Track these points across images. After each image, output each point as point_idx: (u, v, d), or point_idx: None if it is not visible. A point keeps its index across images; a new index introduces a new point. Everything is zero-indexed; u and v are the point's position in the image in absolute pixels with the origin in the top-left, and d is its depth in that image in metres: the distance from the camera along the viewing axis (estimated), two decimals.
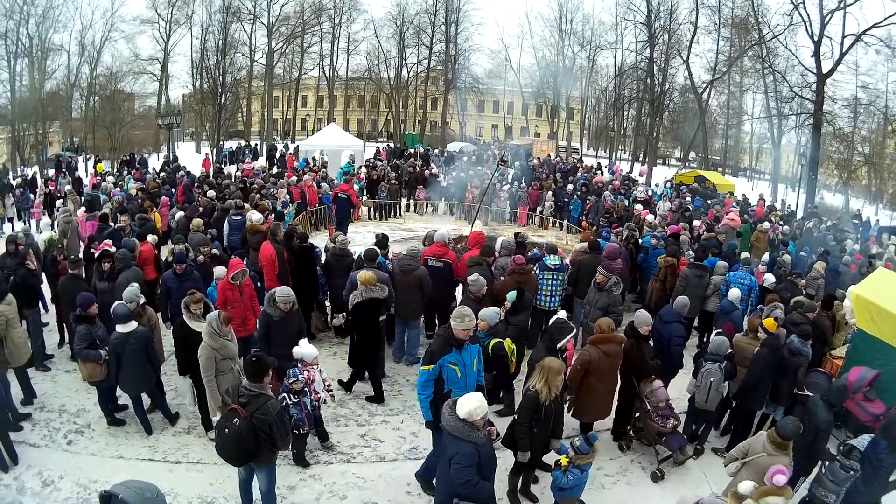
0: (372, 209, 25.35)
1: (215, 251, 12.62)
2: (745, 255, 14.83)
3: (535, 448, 7.22)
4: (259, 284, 11.10)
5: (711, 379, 8.59)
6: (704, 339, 12.92)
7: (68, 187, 24.65)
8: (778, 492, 6.32)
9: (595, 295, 10.73)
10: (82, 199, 20.09)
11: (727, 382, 8.87)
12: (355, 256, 11.96)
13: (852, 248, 19.13)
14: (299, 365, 8.23)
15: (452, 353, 7.03)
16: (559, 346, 7.85)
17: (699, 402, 8.88)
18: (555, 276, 11.66)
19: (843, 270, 15.29)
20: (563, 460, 7.07)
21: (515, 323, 9.91)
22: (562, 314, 9.09)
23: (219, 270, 10.46)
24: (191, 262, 11.53)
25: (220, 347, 7.77)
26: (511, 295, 9.92)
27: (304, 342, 8.55)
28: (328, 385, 8.74)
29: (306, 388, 8.11)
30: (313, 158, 33.20)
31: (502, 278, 11.30)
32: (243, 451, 6.47)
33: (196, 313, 8.47)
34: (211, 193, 18.79)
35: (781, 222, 23.21)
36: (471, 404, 5.78)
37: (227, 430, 6.37)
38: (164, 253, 13.63)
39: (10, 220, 22.95)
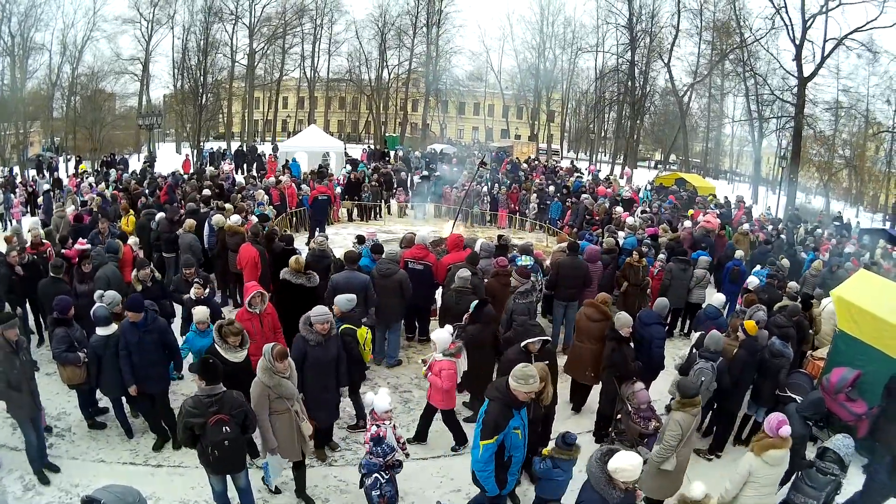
0: (353, 210, 25.28)
1: (197, 284, 10.40)
2: (739, 252, 15.57)
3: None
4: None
5: (703, 378, 8.52)
6: (688, 330, 13.66)
7: (46, 186, 24.55)
8: (781, 444, 6.65)
9: (509, 302, 9.94)
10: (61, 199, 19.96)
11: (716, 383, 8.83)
12: (337, 257, 11.81)
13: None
14: (368, 418, 7.34)
15: (515, 418, 6.33)
16: (523, 345, 7.75)
17: None
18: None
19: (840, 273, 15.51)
20: (546, 451, 7.06)
21: (471, 332, 9.07)
22: None
23: (199, 313, 9.09)
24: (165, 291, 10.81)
25: (275, 386, 6.82)
26: (472, 304, 9.35)
27: (382, 390, 7.35)
28: (402, 443, 7.67)
29: (379, 448, 6.93)
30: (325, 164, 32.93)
31: (486, 281, 11.20)
32: (242, 453, 6.58)
33: (234, 345, 7.55)
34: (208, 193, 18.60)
35: (770, 225, 23.39)
36: (621, 463, 5.41)
37: (227, 441, 6.23)
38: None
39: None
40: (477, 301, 9.31)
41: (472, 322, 9.10)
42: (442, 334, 8.53)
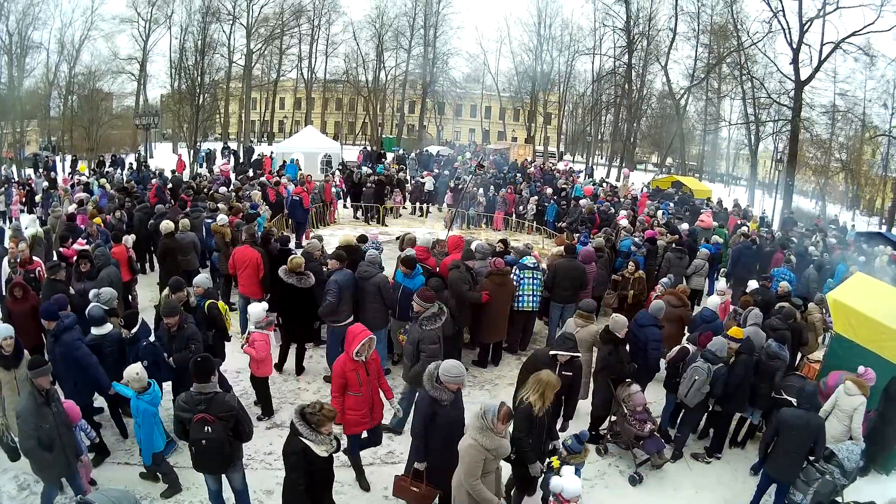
0: (359, 211, 25.50)
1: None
2: (715, 237, 17.31)
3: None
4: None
5: (696, 377, 8.49)
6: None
7: (45, 184, 24.58)
8: (864, 390, 8.08)
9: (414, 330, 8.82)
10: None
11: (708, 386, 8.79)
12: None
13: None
14: (552, 500, 6.57)
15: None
16: (553, 354, 7.62)
17: (680, 392, 8.81)
18: (534, 276, 11.63)
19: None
20: (555, 461, 6.91)
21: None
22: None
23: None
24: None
25: (494, 448, 5.96)
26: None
27: (568, 470, 6.66)
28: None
29: None
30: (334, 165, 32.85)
31: (483, 281, 11.18)
32: (222, 455, 6.32)
33: (325, 433, 5.85)
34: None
35: (766, 229, 23.46)
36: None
37: (204, 441, 6.15)
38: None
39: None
40: (428, 276, 10.08)
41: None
42: (256, 308, 9.14)
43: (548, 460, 7.08)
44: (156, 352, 8.05)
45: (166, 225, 13.53)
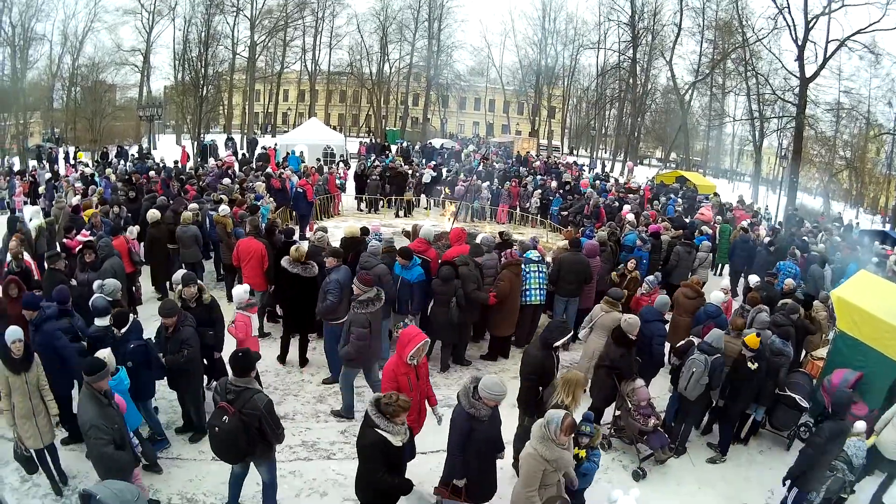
0: (364, 203, 25.58)
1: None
2: (705, 228, 17.78)
3: None
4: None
5: (693, 370, 8.49)
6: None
7: (48, 175, 24.64)
8: None
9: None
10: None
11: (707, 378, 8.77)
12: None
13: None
14: None
15: None
16: (555, 345, 7.69)
17: (680, 386, 8.81)
18: (539, 269, 11.66)
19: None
20: (582, 453, 6.86)
21: (434, 288, 10.60)
22: None
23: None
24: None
25: (554, 459, 5.81)
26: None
27: (634, 492, 6.25)
28: None
29: None
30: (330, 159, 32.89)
31: (502, 272, 11.32)
32: (235, 448, 6.35)
33: (399, 423, 5.89)
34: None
35: (768, 222, 23.50)
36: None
37: (217, 428, 6.24)
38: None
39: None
40: (441, 263, 10.64)
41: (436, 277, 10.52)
42: (238, 290, 9.32)
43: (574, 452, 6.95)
44: (146, 352, 7.91)
45: (152, 214, 13.69)
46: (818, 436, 7.20)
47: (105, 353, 6.96)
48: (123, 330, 7.95)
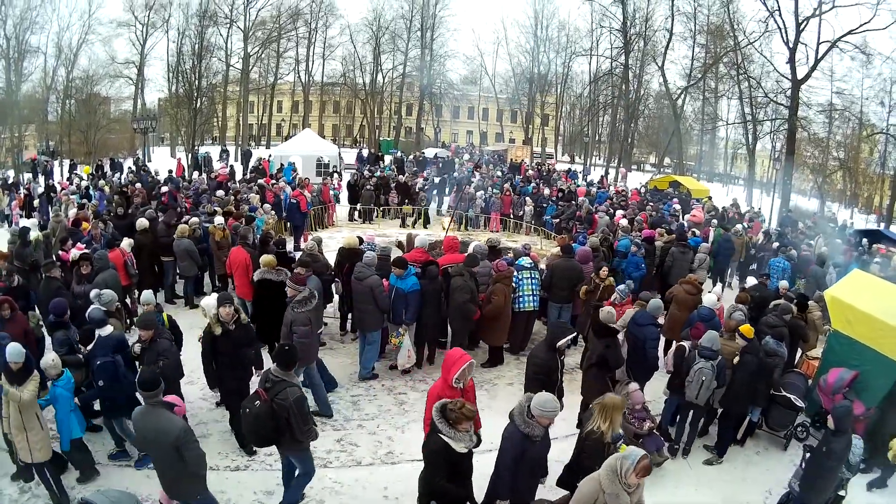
0: (356, 213, 25.54)
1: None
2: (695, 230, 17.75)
3: None
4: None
5: (703, 378, 8.48)
6: None
7: (40, 190, 24.62)
8: None
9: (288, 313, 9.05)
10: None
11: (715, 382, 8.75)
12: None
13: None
14: None
15: None
16: (558, 345, 7.73)
17: (689, 395, 8.77)
18: (532, 276, 11.65)
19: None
20: (623, 447, 6.66)
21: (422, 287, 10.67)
22: None
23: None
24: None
25: (611, 494, 5.34)
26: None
27: None
28: None
29: None
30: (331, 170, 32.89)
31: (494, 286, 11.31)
32: (262, 432, 6.67)
33: (463, 430, 5.84)
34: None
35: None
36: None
37: (248, 409, 6.59)
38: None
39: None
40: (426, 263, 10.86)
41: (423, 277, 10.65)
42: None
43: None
44: (114, 369, 7.74)
45: (141, 222, 13.76)
46: (829, 458, 6.99)
47: (52, 356, 7.38)
48: (89, 347, 7.98)
